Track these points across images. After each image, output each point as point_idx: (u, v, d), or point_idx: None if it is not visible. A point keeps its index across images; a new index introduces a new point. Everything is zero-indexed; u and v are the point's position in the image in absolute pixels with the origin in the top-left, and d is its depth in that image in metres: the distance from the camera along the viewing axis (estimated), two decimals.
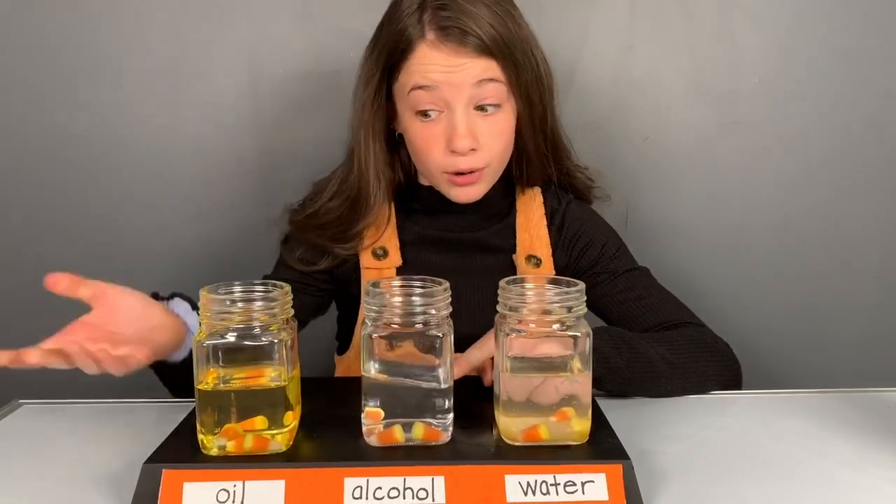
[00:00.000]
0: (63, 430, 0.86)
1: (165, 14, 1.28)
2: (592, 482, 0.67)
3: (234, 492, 0.66)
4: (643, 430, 0.84)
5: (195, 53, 1.30)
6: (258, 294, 0.72)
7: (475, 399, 0.81)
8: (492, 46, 0.94)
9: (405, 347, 0.70)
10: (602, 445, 0.71)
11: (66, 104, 1.30)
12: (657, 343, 0.94)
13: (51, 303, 0.76)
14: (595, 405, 0.75)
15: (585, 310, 0.71)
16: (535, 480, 0.67)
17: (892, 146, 1.34)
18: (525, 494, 0.66)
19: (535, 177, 1.08)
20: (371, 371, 0.71)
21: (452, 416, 0.72)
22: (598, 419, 0.76)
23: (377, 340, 0.70)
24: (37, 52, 1.29)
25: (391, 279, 0.75)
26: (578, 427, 0.71)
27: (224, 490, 0.66)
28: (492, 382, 0.79)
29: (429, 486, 0.66)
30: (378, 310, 0.70)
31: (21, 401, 0.95)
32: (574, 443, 0.71)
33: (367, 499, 0.66)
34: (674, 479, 0.74)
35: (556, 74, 1.04)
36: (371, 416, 0.71)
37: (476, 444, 0.73)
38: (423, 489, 0.66)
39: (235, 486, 0.66)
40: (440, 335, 0.70)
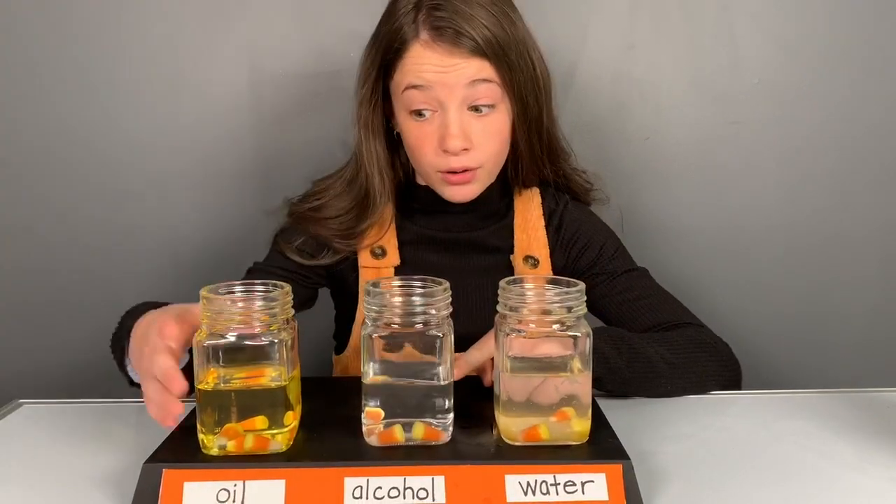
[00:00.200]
0: (63, 430, 0.86)
1: (166, 14, 1.28)
2: (592, 482, 0.67)
3: (235, 491, 0.66)
4: (643, 430, 0.84)
5: (195, 53, 1.30)
6: (259, 294, 0.72)
7: (475, 399, 0.81)
8: (485, 47, 0.94)
9: (405, 347, 0.70)
10: (602, 445, 0.72)
11: (67, 104, 1.30)
12: (657, 343, 0.94)
13: (51, 303, 0.76)
14: (595, 405, 0.75)
15: (585, 310, 0.71)
16: (535, 480, 0.67)
17: (893, 147, 1.34)
18: (525, 494, 0.66)
19: (531, 178, 1.08)
20: (371, 371, 0.71)
21: (452, 416, 0.72)
22: (598, 419, 0.76)
23: (377, 340, 0.70)
24: (37, 53, 1.29)
25: (391, 279, 0.75)
26: (578, 427, 0.71)
27: (224, 490, 0.66)
28: (492, 383, 0.79)
29: (429, 486, 0.67)
30: (378, 310, 0.70)
31: (21, 401, 0.95)
32: (574, 443, 0.71)
33: (368, 498, 0.66)
34: (674, 479, 0.74)
35: (556, 74, 1.04)
36: (371, 416, 0.71)
37: (476, 444, 0.73)
38: (424, 489, 0.66)
39: (236, 486, 0.67)
40: (440, 335, 0.70)
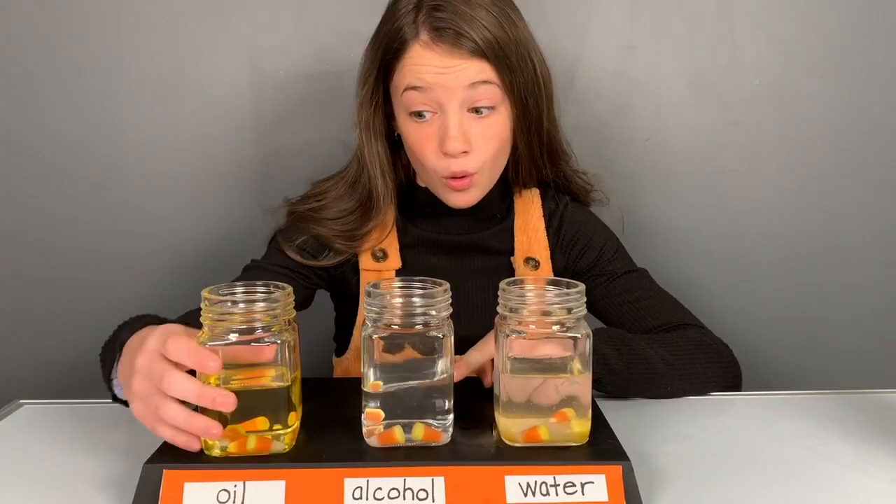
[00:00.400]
0: (63, 431, 0.86)
1: (166, 14, 1.28)
2: (592, 483, 0.67)
3: (235, 492, 0.66)
4: (643, 431, 0.84)
5: (195, 53, 1.30)
6: (260, 295, 0.72)
7: (475, 400, 0.81)
8: (485, 49, 0.93)
9: (405, 349, 0.70)
10: (602, 446, 0.72)
11: (66, 104, 1.30)
12: (657, 344, 0.94)
13: (51, 303, 0.76)
14: (595, 406, 0.75)
15: (585, 311, 0.71)
16: (535, 481, 0.67)
17: (893, 148, 1.34)
18: (525, 495, 0.66)
19: (531, 179, 1.08)
20: (371, 372, 0.71)
21: (452, 417, 0.72)
22: (598, 420, 0.76)
23: (377, 341, 0.70)
24: (36, 53, 1.29)
25: (392, 280, 0.75)
26: (578, 428, 0.71)
27: (224, 490, 0.66)
28: (492, 384, 0.79)
29: (429, 487, 0.67)
30: (378, 311, 0.70)
31: (21, 401, 0.95)
32: (574, 444, 0.71)
33: (368, 499, 0.66)
34: (674, 480, 0.74)
35: (556, 75, 1.03)
36: (371, 417, 0.71)
37: (476, 445, 0.73)
38: (423, 490, 0.66)
39: (236, 487, 0.67)
40: (440, 336, 0.70)
